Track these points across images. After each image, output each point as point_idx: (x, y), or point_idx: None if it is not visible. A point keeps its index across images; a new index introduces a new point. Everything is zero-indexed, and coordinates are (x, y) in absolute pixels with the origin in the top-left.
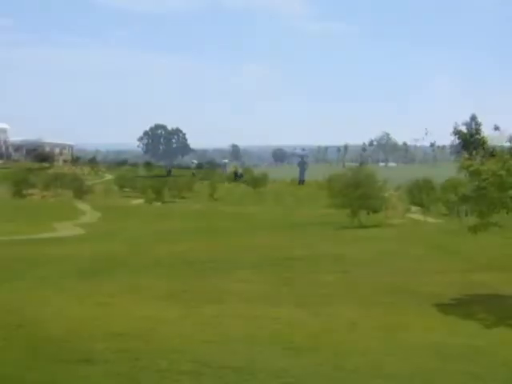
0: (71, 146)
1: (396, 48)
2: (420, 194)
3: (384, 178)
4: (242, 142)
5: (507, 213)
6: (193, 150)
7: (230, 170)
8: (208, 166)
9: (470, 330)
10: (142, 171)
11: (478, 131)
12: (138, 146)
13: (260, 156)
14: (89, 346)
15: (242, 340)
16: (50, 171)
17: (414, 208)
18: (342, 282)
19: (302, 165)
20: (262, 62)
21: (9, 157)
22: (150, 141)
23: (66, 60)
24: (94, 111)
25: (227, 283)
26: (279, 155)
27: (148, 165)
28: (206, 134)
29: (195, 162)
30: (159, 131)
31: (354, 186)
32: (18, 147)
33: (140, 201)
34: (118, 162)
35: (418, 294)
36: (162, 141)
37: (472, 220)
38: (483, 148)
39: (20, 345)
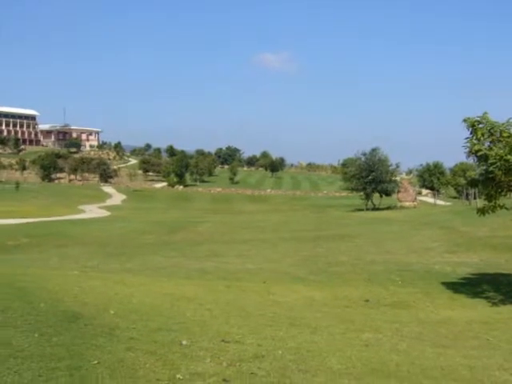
0: (98, 132)
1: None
2: (430, 177)
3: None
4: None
5: None
6: None
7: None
8: (228, 151)
9: (479, 307)
10: (165, 156)
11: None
12: None
13: None
14: (114, 321)
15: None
16: (77, 156)
17: (424, 191)
18: (356, 262)
19: None
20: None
21: (38, 142)
22: None
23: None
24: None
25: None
26: None
27: (171, 149)
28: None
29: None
30: None
31: (368, 170)
32: (46, 133)
33: (163, 184)
34: (142, 147)
35: (429, 272)
36: None
37: (480, 202)
38: (491, 134)
39: (45, 321)
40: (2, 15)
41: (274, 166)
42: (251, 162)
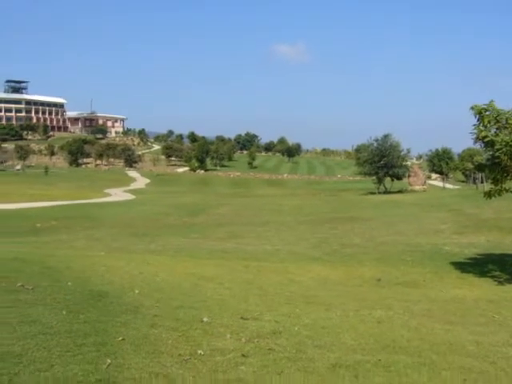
0: (123, 119)
1: None
2: (439, 162)
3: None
4: None
5: None
6: None
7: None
8: (247, 137)
9: (485, 286)
10: (186, 142)
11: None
12: None
13: None
14: (138, 300)
15: None
16: (103, 142)
17: (434, 175)
18: (369, 243)
19: None
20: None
21: (66, 129)
22: None
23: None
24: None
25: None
26: None
27: (192, 135)
28: None
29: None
30: None
31: (380, 156)
32: (74, 120)
33: (185, 169)
34: (165, 134)
35: (438, 253)
36: None
37: (487, 186)
38: (497, 121)
39: (72, 299)
40: (31, 5)
41: (291, 151)
42: (269, 147)
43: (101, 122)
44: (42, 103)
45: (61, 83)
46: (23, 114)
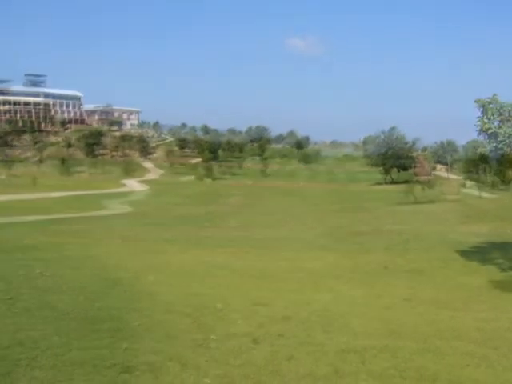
0: (137, 112)
1: None
2: (444, 154)
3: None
4: None
5: None
6: None
7: None
8: (257, 130)
9: (489, 273)
10: (199, 134)
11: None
12: None
13: None
14: (153, 287)
15: None
16: (119, 134)
17: (439, 166)
18: (376, 231)
19: None
20: None
21: (83, 121)
22: None
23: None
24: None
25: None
26: None
27: (205, 127)
28: None
29: None
30: None
31: (387, 147)
32: (91, 113)
33: (198, 159)
34: (178, 126)
35: (443, 241)
36: None
37: (490, 177)
38: (500, 113)
39: (88, 286)
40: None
41: (300, 143)
42: (278, 140)
43: (116, 114)
44: (60, 96)
45: (78, 77)
46: (41, 106)
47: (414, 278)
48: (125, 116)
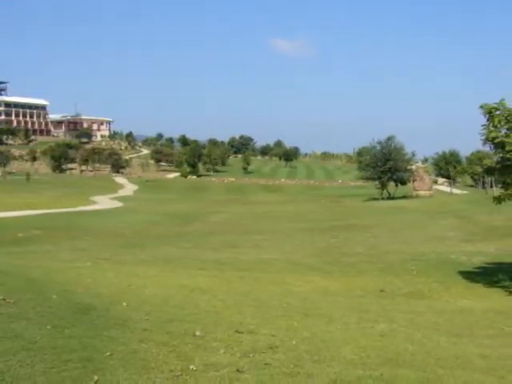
0: (109, 122)
1: None
2: (447, 166)
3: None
4: None
5: None
6: None
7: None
8: (241, 141)
9: (494, 297)
10: (177, 145)
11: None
12: None
13: None
14: (127, 313)
15: None
16: (89, 146)
17: (440, 180)
18: (373, 251)
19: None
20: None
21: (49, 133)
22: None
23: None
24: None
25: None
26: None
27: (183, 138)
28: None
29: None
30: None
31: (384, 159)
32: (57, 123)
33: (176, 174)
34: (154, 137)
35: (445, 262)
36: None
37: (497, 191)
38: (508, 121)
39: (57, 313)
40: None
41: (288, 155)
42: (265, 151)
43: (86, 125)
44: (23, 105)
45: (43, 84)
46: (2, 117)
47: (412, 302)
48: (95, 126)
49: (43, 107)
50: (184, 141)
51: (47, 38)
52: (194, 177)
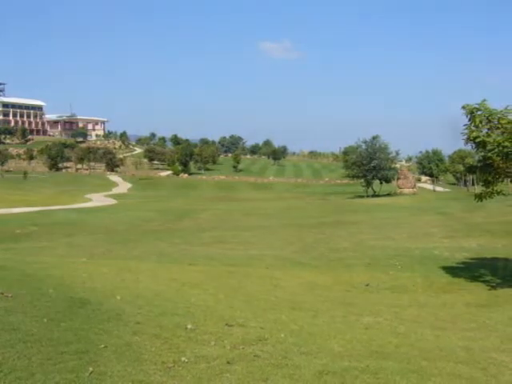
0: (104, 122)
1: None
2: (429, 164)
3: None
4: None
5: (511, 182)
6: None
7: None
8: (231, 140)
9: (477, 291)
10: (169, 144)
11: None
12: None
13: None
14: (120, 307)
15: None
16: (84, 145)
17: (424, 178)
18: (358, 247)
19: None
20: None
21: (45, 132)
22: None
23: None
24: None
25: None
26: None
27: (175, 138)
28: None
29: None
30: None
31: (369, 158)
32: (53, 123)
33: (168, 172)
34: (147, 136)
35: (428, 257)
36: None
37: (478, 189)
38: (489, 120)
39: (53, 307)
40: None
41: (276, 154)
42: (254, 150)
43: (81, 124)
44: (20, 106)
45: (40, 85)
46: (1, 117)
47: (397, 296)
48: (90, 126)
49: (40, 108)
50: (176, 140)
51: (45, 38)
52: (186, 175)
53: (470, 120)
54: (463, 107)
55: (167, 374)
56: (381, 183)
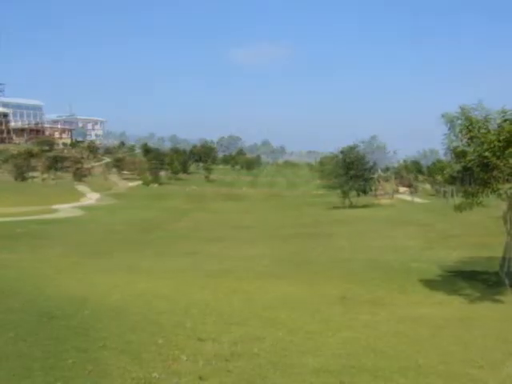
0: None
1: None
2: (408, 175)
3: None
4: None
5: (491, 193)
6: None
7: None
8: (203, 149)
9: (455, 304)
10: (139, 154)
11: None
12: None
13: None
14: (89, 321)
15: None
16: (50, 154)
17: (402, 189)
18: (335, 260)
19: None
20: None
21: (10, 140)
22: None
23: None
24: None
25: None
26: None
27: (145, 146)
28: None
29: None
30: None
31: (345, 168)
32: (19, 131)
33: (138, 183)
34: (116, 145)
35: (406, 270)
36: None
37: (457, 200)
38: (469, 130)
39: (19, 321)
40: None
41: (250, 164)
42: (227, 159)
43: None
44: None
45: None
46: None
47: (374, 310)
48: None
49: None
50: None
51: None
52: (156, 185)
53: (449, 129)
54: (442, 115)
55: None
56: (358, 194)
